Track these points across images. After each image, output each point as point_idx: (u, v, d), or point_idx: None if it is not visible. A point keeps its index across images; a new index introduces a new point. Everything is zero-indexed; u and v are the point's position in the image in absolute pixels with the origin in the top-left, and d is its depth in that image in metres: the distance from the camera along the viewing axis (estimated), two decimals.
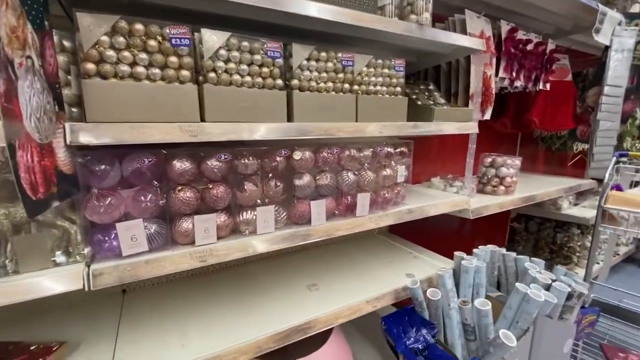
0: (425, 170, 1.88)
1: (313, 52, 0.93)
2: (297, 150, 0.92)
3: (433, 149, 2.00)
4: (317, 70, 0.94)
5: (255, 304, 1.06)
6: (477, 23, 1.42)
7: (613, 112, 1.97)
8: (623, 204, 1.31)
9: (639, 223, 1.23)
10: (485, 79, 1.41)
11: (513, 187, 1.65)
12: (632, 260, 3.13)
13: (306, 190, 0.96)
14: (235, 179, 0.87)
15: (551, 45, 1.81)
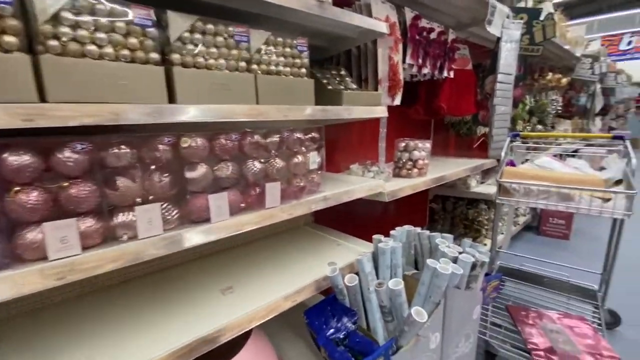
0: (346, 158, 1.88)
1: (197, 23, 0.81)
2: (185, 137, 0.80)
3: (354, 137, 2.01)
4: (205, 45, 0.83)
5: (159, 317, 0.91)
6: (382, 8, 1.43)
7: (506, 98, 2.20)
8: (514, 177, 1.46)
9: (527, 193, 1.38)
10: (393, 65, 1.43)
11: (425, 169, 1.74)
12: (530, 228, 3.61)
13: (202, 182, 0.85)
14: (104, 173, 0.72)
15: (452, 35, 1.93)
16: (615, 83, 5.77)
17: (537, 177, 1.43)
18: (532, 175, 1.44)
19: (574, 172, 1.56)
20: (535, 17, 2.10)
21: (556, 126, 4.07)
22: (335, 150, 1.83)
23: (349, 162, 1.78)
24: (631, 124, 10.59)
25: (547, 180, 1.39)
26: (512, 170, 1.52)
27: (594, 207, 1.20)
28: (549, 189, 1.30)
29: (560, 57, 3.95)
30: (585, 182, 1.31)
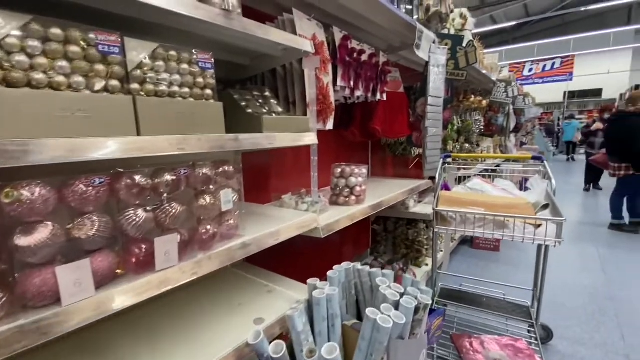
0: (279, 185, 1.70)
1: (31, 26, 0.57)
2: (10, 188, 0.54)
3: (288, 161, 1.84)
4: (48, 55, 0.59)
5: None
6: (308, 26, 1.31)
7: (437, 120, 2.24)
8: (450, 204, 1.41)
9: (464, 221, 1.34)
10: (322, 87, 1.31)
11: (363, 196, 1.63)
12: (464, 241, 3.77)
13: (44, 251, 0.59)
14: None
15: (383, 57, 1.90)
16: (524, 104, 6.56)
17: (471, 202, 1.40)
18: (466, 202, 1.41)
19: (504, 194, 1.57)
20: (458, 44, 2.19)
21: (480, 143, 4.39)
22: (265, 177, 1.64)
23: (282, 190, 1.60)
24: (537, 139, 12.21)
25: (482, 206, 1.36)
26: (447, 196, 1.48)
27: (528, 236, 1.19)
28: (484, 216, 1.26)
29: (480, 81, 4.32)
30: (516, 207, 1.30)
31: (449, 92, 2.31)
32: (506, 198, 1.44)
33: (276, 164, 1.70)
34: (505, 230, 1.24)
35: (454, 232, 1.36)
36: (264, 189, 1.61)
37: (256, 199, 1.54)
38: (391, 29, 1.94)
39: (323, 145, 2.22)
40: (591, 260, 3.34)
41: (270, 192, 1.59)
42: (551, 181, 1.59)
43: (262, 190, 1.59)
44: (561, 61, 17.65)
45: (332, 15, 1.68)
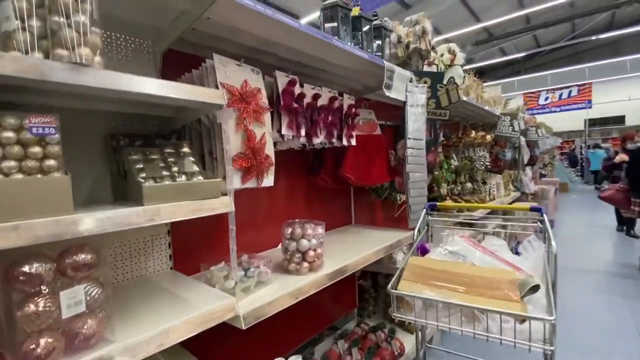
0: (219, 249, 1.47)
1: None
2: None
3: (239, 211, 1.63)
4: None
5: None
6: (238, 72, 1.15)
7: (419, 164, 1.99)
8: (416, 278, 1.13)
9: (428, 307, 1.05)
10: (251, 140, 1.11)
11: (319, 262, 1.37)
12: None
13: None
14: None
15: (349, 100, 1.72)
16: (537, 136, 6.21)
17: (444, 277, 1.11)
18: (437, 275, 1.12)
19: (491, 260, 1.27)
20: (438, 81, 2.00)
21: (487, 180, 4.06)
22: (198, 239, 1.41)
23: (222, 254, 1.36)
24: (558, 170, 11.57)
25: (456, 282, 1.08)
26: (416, 266, 1.20)
27: (506, 338, 0.89)
28: (449, 305, 0.97)
29: (482, 116, 4.09)
30: (499, 287, 1.00)
31: (432, 132, 2.08)
32: (490, 270, 1.14)
33: (215, 222, 1.48)
34: (477, 325, 0.94)
35: (415, 322, 1.07)
36: (194, 254, 1.38)
37: (184, 267, 1.32)
38: (359, 69, 1.78)
39: (295, 191, 2.03)
40: (625, 320, 2.83)
41: (203, 256, 1.36)
42: (551, 244, 1.29)
43: (191, 256, 1.36)
44: (578, 89, 17.23)
45: (287, 59, 1.54)
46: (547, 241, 1.35)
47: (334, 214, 2.26)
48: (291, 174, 1.95)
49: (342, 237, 2.01)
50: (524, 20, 14.22)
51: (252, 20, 1.12)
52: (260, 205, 1.71)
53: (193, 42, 1.28)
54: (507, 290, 0.98)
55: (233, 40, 1.28)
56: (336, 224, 2.27)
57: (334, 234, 2.09)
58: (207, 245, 1.42)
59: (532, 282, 0.98)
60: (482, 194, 3.72)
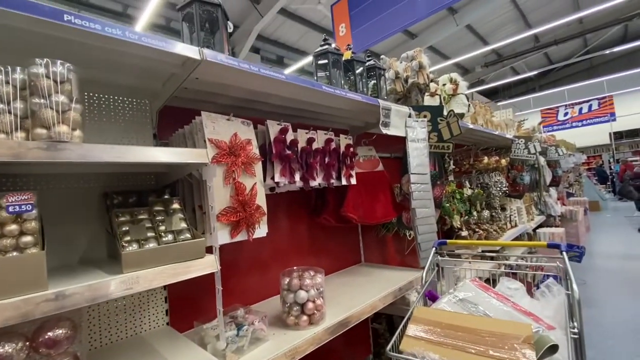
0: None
1: None
2: None
3: (232, 267, 1.60)
4: None
5: None
6: (227, 126, 1.17)
7: (425, 199, 1.92)
8: (421, 332, 1.04)
9: None
10: (240, 191, 1.10)
11: (319, 314, 1.29)
12: None
13: None
14: None
15: (347, 140, 1.72)
16: (557, 155, 5.97)
17: (451, 332, 1.01)
18: (443, 330, 1.03)
19: (504, 308, 1.16)
20: (438, 115, 1.97)
21: (507, 206, 3.88)
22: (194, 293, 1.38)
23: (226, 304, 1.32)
24: (587, 188, 10.99)
25: (463, 338, 0.98)
26: (420, 320, 1.11)
27: None
28: None
29: (495, 140, 3.99)
30: (511, 344, 0.90)
31: (436, 166, 2.03)
32: (503, 324, 1.03)
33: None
34: None
35: None
36: (191, 307, 1.34)
37: (180, 322, 1.28)
38: (355, 109, 1.79)
39: (298, 232, 1.99)
40: None
41: (200, 310, 1.32)
42: (573, 288, 1.17)
43: (188, 310, 1.33)
44: (599, 102, 16.74)
45: (281, 105, 1.57)
46: (568, 285, 1.23)
47: (341, 254, 2.19)
48: (293, 215, 1.92)
49: (349, 279, 1.92)
50: (533, 39, 14.25)
51: (239, 77, 1.15)
52: (261, 250, 1.68)
53: (188, 98, 1.34)
54: (522, 350, 0.88)
55: (225, 94, 1.32)
56: (344, 263, 2.19)
57: (341, 276, 2.01)
58: (204, 299, 1.38)
59: (549, 342, 0.87)
60: (502, 222, 3.55)
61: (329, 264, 2.07)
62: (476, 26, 12.30)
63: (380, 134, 2.17)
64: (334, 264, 2.10)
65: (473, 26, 12.29)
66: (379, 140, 2.14)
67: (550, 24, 10.09)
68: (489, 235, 3.12)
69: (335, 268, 2.10)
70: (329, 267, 2.06)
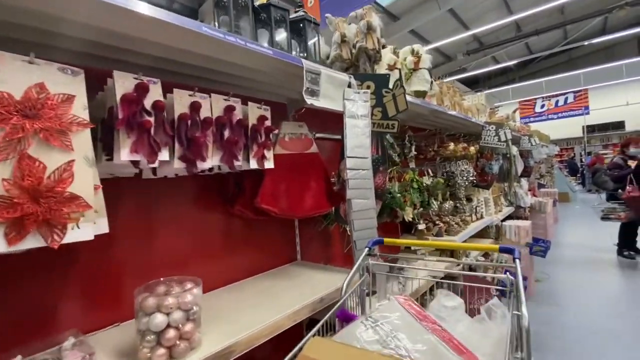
0: (36, 329, 1.04)
1: None
2: None
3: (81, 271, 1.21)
4: None
5: None
6: (24, 72, 0.76)
7: (364, 188, 1.58)
8: None
9: None
10: (31, 172, 0.71)
11: (185, 345, 0.94)
12: None
13: None
14: None
15: (259, 110, 1.33)
16: (530, 145, 5.81)
17: None
18: None
19: (429, 347, 0.84)
20: (384, 86, 1.61)
21: (473, 197, 3.64)
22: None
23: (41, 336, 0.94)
24: (558, 180, 11.12)
25: None
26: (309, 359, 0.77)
27: None
28: None
29: (466, 126, 3.70)
30: None
31: (379, 149, 1.68)
32: None
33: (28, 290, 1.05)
34: None
35: None
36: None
37: None
38: (274, 72, 1.40)
39: (209, 227, 1.59)
40: None
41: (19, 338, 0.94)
42: (521, 312, 0.86)
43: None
44: (574, 95, 16.97)
45: (165, 59, 1.17)
46: (517, 305, 0.93)
47: (269, 251, 1.84)
48: (202, 206, 1.54)
49: (269, 285, 1.58)
50: (515, 28, 14.09)
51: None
52: (137, 252, 1.30)
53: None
54: None
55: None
56: (273, 263, 1.84)
57: (263, 279, 1.67)
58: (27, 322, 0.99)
59: None
60: (467, 213, 3.29)
61: (250, 265, 1.71)
62: (459, 11, 11.97)
63: (318, 109, 1.80)
64: (257, 265, 1.75)
65: (456, 11, 11.95)
66: (314, 115, 1.76)
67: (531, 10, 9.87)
68: (450, 228, 2.85)
69: (258, 269, 1.74)
70: (250, 269, 1.71)
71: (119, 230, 1.22)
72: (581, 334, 2.63)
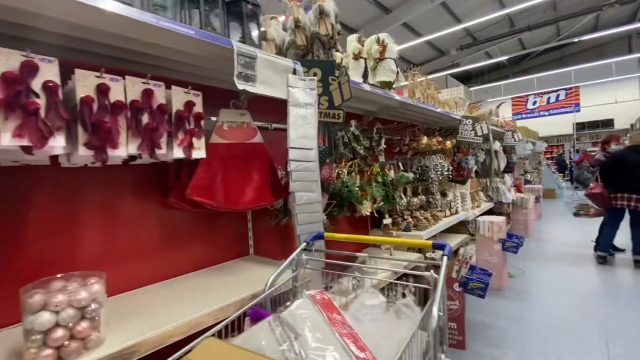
0: None
1: None
2: None
3: None
4: None
5: None
6: None
7: (309, 181, 1.52)
8: None
9: None
10: None
11: (77, 344, 0.87)
12: None
13: None
14: None
15: (186, 95, 1.25)
16: (514, 141, 5.78)
17: None
18: None
19: (332, 347, 0.78)
20: (330, 73, 1.53)
21: (448, 192, 3.60)
22: None
23: None
24: (545, 176, 11.17)
25: None
26: None
27: None
28: None
29: (444, 120, 3.65)
30: None
31: (326, 140, 1.61)
32: None
33: None
34: None
35: None
36: None
37: None
38: (214, 57, 1.32)
39: (145, 219, 1.49)
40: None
41: None
42: (432, 311, 0.81)
43: None
44: (566, 93, 17.03)
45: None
46: (430, 303, 0.88)
47: (218, 245, 1.77)
48: (140, 197, 1.47)
49: (207, 280, 1.51)
50: (508, 24, 14.01)
51: None
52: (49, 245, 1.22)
53: None
54: None
55: None
56: (221, 257, 1.78)
57: (205, 274, 1.60)
58: None
59: None
60: (439, 208, 3.25)
61: (194, 260, 1.65)
62: (452, 5, 11.86)
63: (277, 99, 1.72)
64: (203, 259, 1.68)
65: (449, 5, 11.83)
66: (275, 105, 1.69)
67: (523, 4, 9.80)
68: (418, 223, 2.81)
69: (204, 264, 1.68)
70: (194, 264, 1.64)
71: (30, 223, 1.15)
72: (545, 332, 2.62)
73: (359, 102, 2.51)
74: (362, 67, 2.32)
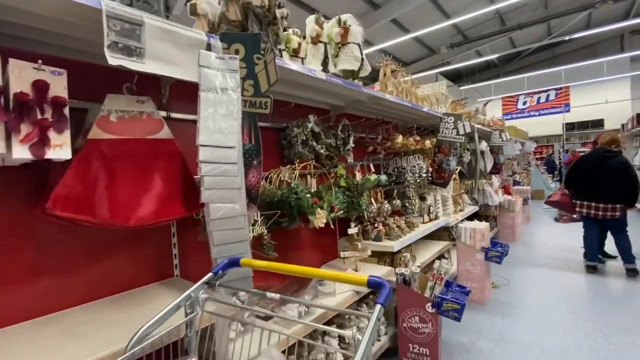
0: None
1: None
2: None
3: None
4: None
5: None
6: None
7: (228, 188, 1.18)
8: None
9: None
10: None
11: None
12: None
13: None
14: None
15: (38, 73, 0.91)
16: (501, 141, 5.53)
17: None
18: None
19: None
20: (255, 50, 1.20)
21: (428, 196, 3.30)
22: None
23: None
24: (534, 177, 11.00)
25: None
26: None
27: None
28: None
29: (422, 117, 3.35)
30: None
31: (252, 137, 1.28)
32: None
33: None
34: None
35: None
36: None
37: None
38: (79, 22, 0.97)
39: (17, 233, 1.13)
40: None
41: None
42: None
43: None
44: (556, 93, 16.95)
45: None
46: None
47: (129, 268, 1.43)
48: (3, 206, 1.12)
49: (93, 318, 1.17)
50: (499, 22, 13.81)
51: None
52: None
53: None
54: None
55: None
56: (134, 282, 1.44)
57: (93, 308, 1.26)
58: None
59: None
60: (416, 214, 2.95)
61: (86, 289, 1.30)
62: (441, 1, 11.60)
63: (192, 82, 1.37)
64: (101, 287, 1.33)
65: (439, 1, 11.58)
66: (183, 91, 1.35)
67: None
68: (391, 232, 2.50)
69: (102, 293, 1.34)
70: (85, 294, 1.30)
71: None
72: (529, 354, 2.34)
73: (321, 94, 2.19)
74: (321, 53, 2.00)
